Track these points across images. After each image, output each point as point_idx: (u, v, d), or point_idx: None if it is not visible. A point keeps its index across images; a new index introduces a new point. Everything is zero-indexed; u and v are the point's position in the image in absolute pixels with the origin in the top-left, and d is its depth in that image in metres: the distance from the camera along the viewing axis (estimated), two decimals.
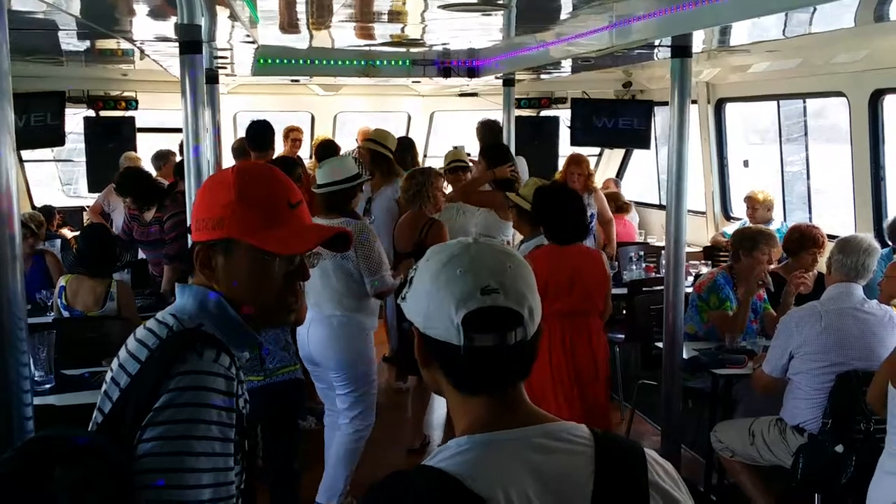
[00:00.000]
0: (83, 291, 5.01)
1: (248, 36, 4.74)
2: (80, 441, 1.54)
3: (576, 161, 7.33)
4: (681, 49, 4.66)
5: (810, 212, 8.05)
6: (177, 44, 4.11)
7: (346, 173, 4.61)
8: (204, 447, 1.55)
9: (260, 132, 6.97)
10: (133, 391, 1.59)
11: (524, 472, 1.29)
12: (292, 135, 9.12)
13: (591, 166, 7.91)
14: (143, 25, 4.86)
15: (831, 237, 5.19)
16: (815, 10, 3.90)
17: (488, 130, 7.78)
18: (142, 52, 5.76)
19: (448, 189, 6.48)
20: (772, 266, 5.22)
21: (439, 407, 6.24)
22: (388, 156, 6.60)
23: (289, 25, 5.66)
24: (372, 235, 4.61)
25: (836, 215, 8.42)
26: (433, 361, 1.40)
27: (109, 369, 1.71)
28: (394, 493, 1.29)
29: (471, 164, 7.08)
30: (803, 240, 5.26)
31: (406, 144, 7.34)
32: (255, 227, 1.69)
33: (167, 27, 4.71)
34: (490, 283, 1.33)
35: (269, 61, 7.34)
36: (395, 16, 5.44)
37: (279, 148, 8.75)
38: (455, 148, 7.60)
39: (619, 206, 8.60)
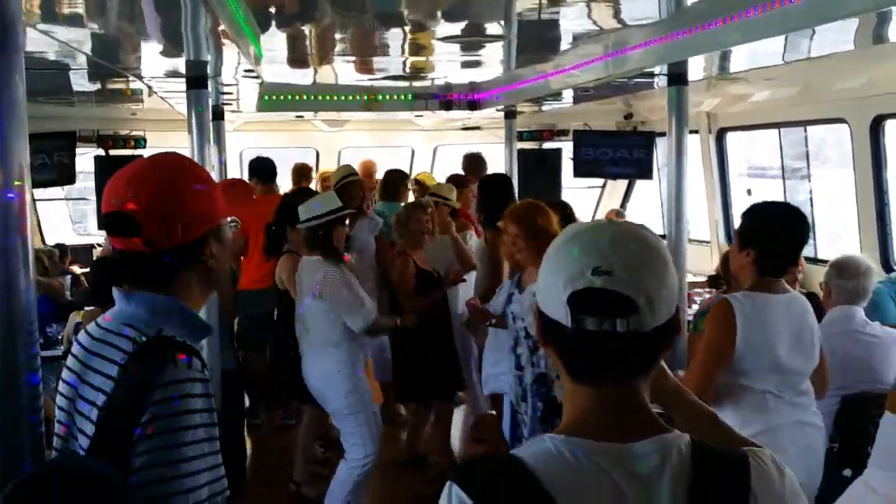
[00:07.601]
0: None
1: (251, 71, 4.84)
2: (88, 467, 1.58)
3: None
4: (677, 77, 4.71)
5: (815, 239, 8.01)
6: (183, 81, 4.21)
7: (323, 209, 4.60)
8: (195, 451, 1.59)
9: (263, 165, 7.28)
10: (115, 409, 1.60)
11: (605, 494, 1.23)
12: (303, 173, 9.14)
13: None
14: (152, 63, 4.96)
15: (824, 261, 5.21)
16: (814, 32, 3.92)
17: (472, 163, 7.86)
18: (150, 89, 5.86)
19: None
20: None
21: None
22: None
23: (293, 61, 5.76)
24: (341, 278, 4.55)
25: (844, 239, 8.37)
26: (550, 341, 1.35)
27: (64, 381, 1.73)
28: (479, 472, 1.28)
29: (451, 199, 6.55)
30: None
31: (398, 177, 7.43)
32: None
33: (175, 64, 4.80)
34: (603, 264, 1.26)
35: (274, 97, 7.51)
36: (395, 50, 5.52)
37: (286, 183, 8.82)
38: (439, 182, 7.54)
39: None
